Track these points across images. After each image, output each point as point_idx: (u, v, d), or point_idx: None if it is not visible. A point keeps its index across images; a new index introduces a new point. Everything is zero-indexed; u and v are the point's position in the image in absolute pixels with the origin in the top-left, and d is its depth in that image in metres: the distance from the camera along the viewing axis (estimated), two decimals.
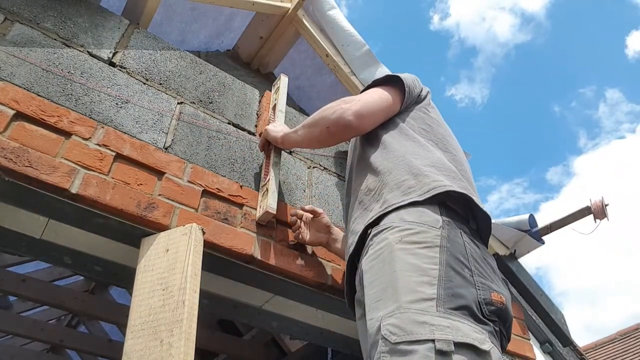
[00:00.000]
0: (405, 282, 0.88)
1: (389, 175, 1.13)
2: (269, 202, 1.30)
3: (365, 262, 1.02)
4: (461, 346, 0.78)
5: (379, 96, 1.25)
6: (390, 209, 1.05)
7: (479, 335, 0.81)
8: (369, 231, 1.07)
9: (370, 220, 1.08)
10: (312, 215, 1.39)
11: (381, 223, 1.04)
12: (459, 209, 1.06)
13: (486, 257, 1.01)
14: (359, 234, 1.10)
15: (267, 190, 1.35)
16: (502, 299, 0.90)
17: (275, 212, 1.30)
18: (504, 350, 0.92)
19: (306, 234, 1.37)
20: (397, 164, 1.14)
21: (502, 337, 0.92)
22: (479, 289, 0.89)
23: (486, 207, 1.13)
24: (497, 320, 0.88)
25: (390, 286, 0.90)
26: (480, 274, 0.93)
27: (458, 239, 0.97)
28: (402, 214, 1.02)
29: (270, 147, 1.45)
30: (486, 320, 0.86)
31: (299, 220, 1.37)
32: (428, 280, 0.87)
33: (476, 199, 1.09)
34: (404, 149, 1.18)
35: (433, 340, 0.78)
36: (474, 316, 0.84)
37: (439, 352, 0.77)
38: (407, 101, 1.29)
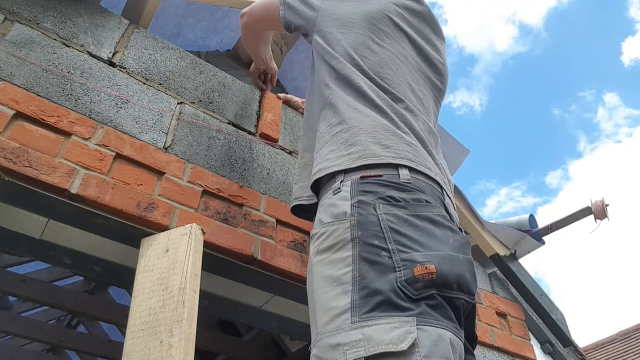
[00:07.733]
0: (321, 302, 0.80)
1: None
2: None
3: None
4: (374, 357, 0.70)
5: None
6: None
7: (397, 332, 0.71)
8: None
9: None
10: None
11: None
12: (380, 170, 0.90)
13: (419, 211, 0.85)
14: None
15: None
16: (429, 269, 0.76)
17: None
18: (464, 311, 0.82)
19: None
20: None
21: (452, 300, 0.79)
22: (399, 270, 0.76)
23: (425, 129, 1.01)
24: (434, 291, 0.76)
25: (312, 311, 0.83)
26: (403, 247, 0.79)
27: (372, 217, 0.83)
28: (320, 214, 0.92)
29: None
30: (413, 303, 0.74)
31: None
32: (342, 289, 0.78)
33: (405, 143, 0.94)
34: (308, 112, 1.14)
35: None
36: (397, 307, 0.73)
37: None
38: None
